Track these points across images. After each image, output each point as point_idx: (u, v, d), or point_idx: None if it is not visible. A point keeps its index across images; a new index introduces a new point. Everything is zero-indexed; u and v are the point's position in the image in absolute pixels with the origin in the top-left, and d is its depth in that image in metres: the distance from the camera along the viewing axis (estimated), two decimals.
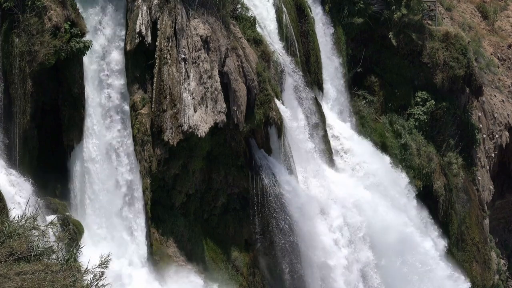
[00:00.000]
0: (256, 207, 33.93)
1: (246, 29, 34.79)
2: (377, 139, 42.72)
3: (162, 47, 30.69)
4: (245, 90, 32.44)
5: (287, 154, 35.35)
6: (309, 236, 34.97)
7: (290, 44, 38.17)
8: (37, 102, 27.83)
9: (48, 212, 26.99)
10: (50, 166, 28.66)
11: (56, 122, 28.73)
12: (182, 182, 32.18)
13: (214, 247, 33.31)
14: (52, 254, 14.53)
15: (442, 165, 45.08)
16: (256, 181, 33.87)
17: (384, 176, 41.08)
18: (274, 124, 34.14)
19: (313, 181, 36.75)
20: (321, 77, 40.68)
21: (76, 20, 28.14)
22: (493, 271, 48.28)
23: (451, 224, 45.05)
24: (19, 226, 14.65)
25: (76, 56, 27.93)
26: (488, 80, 51.79)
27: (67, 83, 28.28)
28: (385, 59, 44.98)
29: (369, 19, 43.24)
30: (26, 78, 26.97)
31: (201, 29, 31.69)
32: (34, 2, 26.89)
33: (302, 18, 39.83)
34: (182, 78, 30.93)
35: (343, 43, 42.65)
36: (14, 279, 13.20)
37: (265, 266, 34.78)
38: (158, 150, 30.72)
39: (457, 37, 46.19)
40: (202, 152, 32.41)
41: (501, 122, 51.52)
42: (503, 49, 55.75)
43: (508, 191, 53.67)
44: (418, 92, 45.18)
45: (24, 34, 26.88)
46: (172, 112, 30.64)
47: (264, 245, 34.55)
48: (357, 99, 43.56)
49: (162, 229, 31.54)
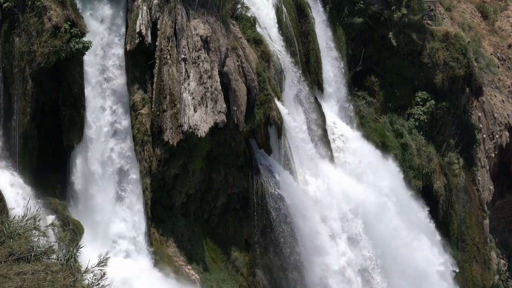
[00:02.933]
0: (256, 207, 33.93)
1: (246, 29, 34.79)
2: (377, 139, 42.72)
3: (162, 47, 30.69)
4: (245, 90, 32.44)
5: (287, 154, 35.35)
6: (309, 236, 34.95)
7: (290, 44, 38.17)
8: (37, 102, 27.83)
9: (48, 212, 26.98)
10: (50, 166, 28.66)
11: (56, 122, 28.73)
12: (182, 182, 32.18)
13: (214, 247, 33.31)
14: (52, 254, 14.53)
15: (442, 165, 45.08)
16: (256, 181, 33.87)
17: (384, 176, 41.07)
18: (274, 124, 34.14)
19: (313, 181, 36.74)
20: (321, 77, 40.67)
21: (76, 20, 28.14)
22: (493, 271, 48.27)
23: (451, 224, 45.04)
24: (20, 227, 14.65)
25: (76, 56, 27.93)
26: (488, 80, 51.78)
27: (67, 83, 28.28)
28: (385, 59, 44.98)
29: (369, 19, 43.25)
30: (26, 78, 26.97)
31: (201, 29, 31.69)
32: (34, 2, 26.88)
33: (302, 18, 39.83)
34: (182, 78, 30.93)
35: (343, 43, 42.65)
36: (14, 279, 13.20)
37: (265, 266, 34.76)
38: (158, 150, 30.72)
39: (457, 37, 46.18)
40: (202, 152, 32.40)
41: (501, 122, 51.52)
42: (503, 49, 55.75)
43: (508, 191, 53.66)
44: (418, 92, 45.17)
45: (24, 34, 26.88)
46: (172, 112, 30.64)
47: (264, 245, 34.54)
48: (357, 99, 43.56)
49: (162, 229, 31.54)
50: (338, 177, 38.50)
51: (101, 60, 29.95)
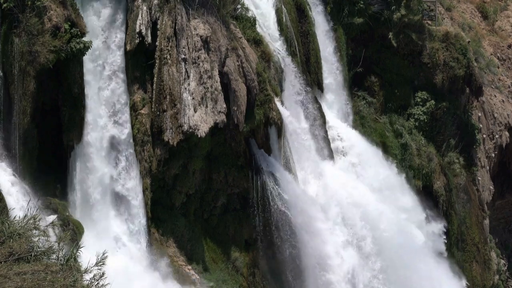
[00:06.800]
0: (256, 207, 33.95)
1: (246, 29, 34.80)
2: (377, 139, 42.72)
3: (162, 47, 30.70)
4: (245, 90, 32.45)
5: (287, 154, 35.36)
6: (309, 236, 34.96)
7: (290, 44, 38.17)
8: (37, 102, 27.83)
9: (48, 212, 26.99)
10: (50, 166, 28.66)
11: (56, 122, 28.74)
12: (182, 182, 32.19)
13: (214, 247, 33.32)
14: (52, 254, 14.53)
15: (442, 165, 45.07)
16: (256, 181, 33.88)
17: (384, 175, 41.07)
18: (274, 124, 34.15)
19: (313, 181, 36.75)
20: (321, 77, 40.67)
21: (76, 20, 28.15)
22: (493, 271, 48.27)
23: (451, 224, 45.03)
24: (20, 227, 14.65)
25: (76, 56, 27.94)
26: (488, 80, 51.78)
27: (67, 83, 28.29)
28: (385, 59, 44.97)
29: (369, 19, 43.24)
30: (26, 78, 26.97)
31: (201, 29, 31.70)
32: (34, 2, 26.88)
33: (302, 18, 39.82)
34: (182, 78, 30.94)
35: (343, 43, 42.65)
36: (14, 279, 13.20)
37: (265, 266, 34.78)
38: (158, 150, 30.73)
39: (457, 37, 46.17)
40: (202, 152, 32.41)
41: (501, 122, 51.52)
42: (503, 49, 55.75)
43: (508, 191, 53.67)
44: (418, 92, 45.15)
45: (24, 34, 26.88)
46: (172, 112, 30.65)
47: (264, 245, 34.55)
48: (357, 99, 43.56)
49: (162, 229, 31.56)
50: (338, 177, 38.50)
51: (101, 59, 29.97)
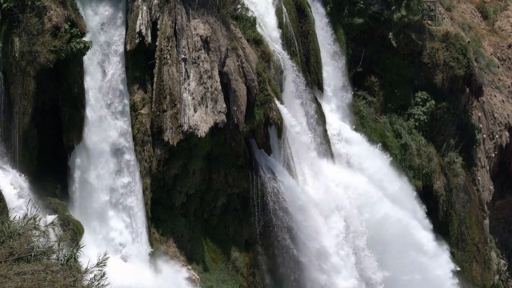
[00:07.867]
0: (256, 207, 33.93)
1: (246, 29, 34.80)
2: (377, 139, 42.72)
3: (162, 47, 30.70)
4: (245, 90, 32.45)
5: (287, 154, 35.35)
6: (309, 236, 34.95)
7: (290, 44, 38.16)
8: (37, 102, 27.82)
9: (48, 212, 26.98)
10: (50, 166, 28.66)
11: (56, 122, 28.74)
12: (182, 182, 32.19)
13: (214, 247, 33.31)
14: (52, 254, 14.53)
15: (442, 165, 45.08)
16: (256, 181, 33.87)
17: (384, 175, 41.08)
18: (274, 124, 34.14)
19: (313, 181, 36.73)
20: (321, 77, 40.67)
21: (76, 20, 28.15)
22: (493, 271, 48.28)
23: (451, 224, 45.05)
24: (20, 227, 14.65)
25: (76, 56, 27.93)
26: (488, 80, 51.79)
27: (67, 83, 28.29)
28: (385, 59, 44.97)
29: (369, 19, 43.24)
30: (26, 78, 26.96)
31: (201, 29, 31.70)
32: (34, 2, 26.86)
33: (302, 18, 39.81)
34: (182, 78, 30.94)
35: (343, 43, 42.65)
36: (14, 279, 13.21)
37: (265, 266, 34.78)
38: (158, 150, 30.73)
39: (457, 37, 46.19)
40: (202, 152, 32.41)
41: (501, 122, 51.53)
42: (503, 49, 55.76)
43: (508, 191, 53.68)
44: (418, 92, 45.16)
45: (24, 34, 26.86)
46: (172, 112, 30.65)
47: (264, 245, 34.54)
48: (357, 99, 43.57)
49: (162, 229, 31.55)
50: (338, 177, 38.50)
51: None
